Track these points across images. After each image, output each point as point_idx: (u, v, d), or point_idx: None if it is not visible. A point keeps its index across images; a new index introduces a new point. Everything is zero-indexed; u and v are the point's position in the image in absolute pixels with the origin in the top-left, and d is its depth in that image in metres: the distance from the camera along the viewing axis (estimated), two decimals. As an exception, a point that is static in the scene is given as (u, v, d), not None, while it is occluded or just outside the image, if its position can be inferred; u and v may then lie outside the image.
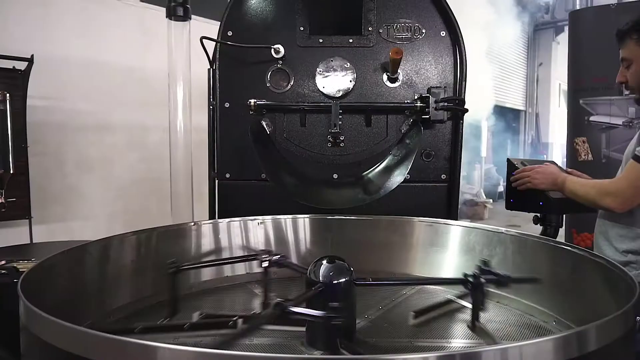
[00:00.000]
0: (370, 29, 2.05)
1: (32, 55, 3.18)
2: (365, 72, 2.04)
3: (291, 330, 1.10)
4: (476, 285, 1.11)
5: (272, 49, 2.00)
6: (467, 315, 1.23)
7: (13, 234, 3.16)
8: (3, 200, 3.10)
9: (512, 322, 1.28)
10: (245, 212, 1.74)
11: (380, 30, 2.05)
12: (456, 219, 1.97)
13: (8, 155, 3.11)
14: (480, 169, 10.69)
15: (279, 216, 1.71)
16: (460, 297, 1.30)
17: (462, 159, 2.08)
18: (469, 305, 1.19)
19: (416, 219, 1.71)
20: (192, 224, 1.63)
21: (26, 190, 3.29)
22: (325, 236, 1.70)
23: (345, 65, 2.03)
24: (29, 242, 3.17)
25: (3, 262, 2.01)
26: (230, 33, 2.04)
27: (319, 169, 2.01)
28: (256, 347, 1.07)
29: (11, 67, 3.17)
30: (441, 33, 2.05)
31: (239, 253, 1.63)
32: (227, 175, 2.09)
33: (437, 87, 2.00)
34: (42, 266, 1.10)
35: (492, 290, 1.38)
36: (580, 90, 4.04)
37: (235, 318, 0.89)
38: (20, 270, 1.90)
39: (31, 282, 0.98)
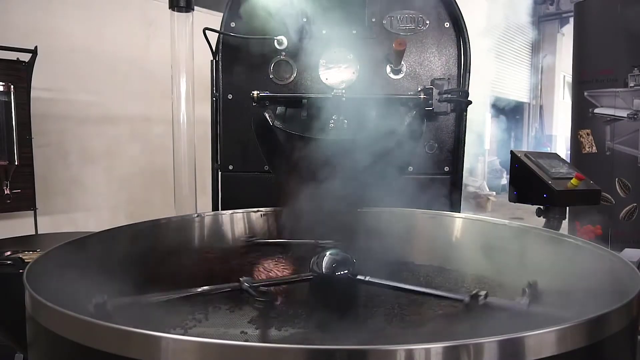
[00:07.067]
0: (373, 20, 2.04)
1: (36, 47, 3.18)
2: (369, 63, 2.03)
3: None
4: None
5: (275, 40, 2.00)
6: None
7: (18, 225, 3.18)
8: (8, 192, 3.12)
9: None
10: (249, 204, 1.74)
11: (384, 22, 2.04)
12: (459, 211, 1.97)
13: (13, 147, 3.12)
14: (483, 162, 10.67)
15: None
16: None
17: (465, 150, 2.08)
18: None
19: (419, 211, 1.71)
20: (196, 215, 1.63)
21: (31, 182, 3.30)
22: (327, 227, 1.70)
23: (349, 57, 2.02)
24: (33, 233, 3.19)
25: (8, 252, 2.02)
26: (233, 24, 2.04)
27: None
28: (260, 336, 1.08)
29: (15, 59, 3.17)
30: (445, 24, 2.04)
31: (242, 245, 1.64)
32: (230, 167, 2.09)
33: (440, 78, 1.99)
34: (47, 256, 1.10)
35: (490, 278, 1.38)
36: (584, 82, 4.01)
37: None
38: (26, 260, 1.91)
39: (36, 273, 0.99)
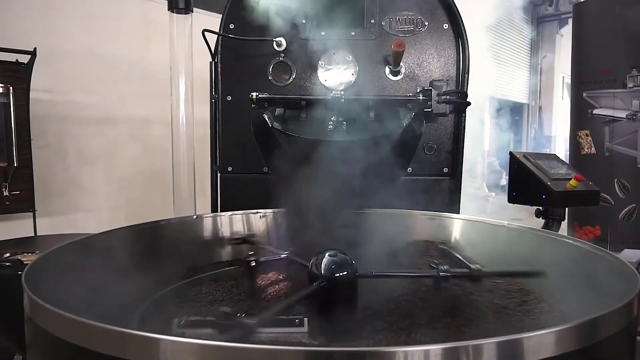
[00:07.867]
0: (372, 21, 2.04)
1: (35, 48, 3.18)
2: (368, 65, 2.04)
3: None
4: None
5: (274, 42, 2.00)
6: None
7: (17, 227, 3.18)
8: (7, 194, 3.11)
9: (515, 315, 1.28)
10: (248, 206, 1.74)
11: (383, 23, 2.04)
12: (458, 213, 1.97)
13: (12, 148, 3.11)
14: (483, 162, 10.67)
15: (281, 209, 1.71)
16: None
17: (464, 151, 2.08)
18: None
19: (418, 212, 1.71)
20: (195, 217, 1.63)
21: (30, 183, 3.29)
22: (327, 229, 1.70)
23: (347, 58, 2.02)
24: (32, 234, 3.18)
25: (7, 254, 2.02)
26: (232, 26, 2.04)
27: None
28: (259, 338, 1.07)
29: (14, 60, 3.17)
30: (444, 25, 2.04)
31: (241, 246, 1.64)
32: (230, 169, 2.09)
33: (439, 80, 2.00)
34: (46, 258, 1.10)
35: (492, 282, 1.38)
36: (583, 83, 4.02)
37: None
38: (25, 262, 1.91)
39: (35, 274, 0.99)
